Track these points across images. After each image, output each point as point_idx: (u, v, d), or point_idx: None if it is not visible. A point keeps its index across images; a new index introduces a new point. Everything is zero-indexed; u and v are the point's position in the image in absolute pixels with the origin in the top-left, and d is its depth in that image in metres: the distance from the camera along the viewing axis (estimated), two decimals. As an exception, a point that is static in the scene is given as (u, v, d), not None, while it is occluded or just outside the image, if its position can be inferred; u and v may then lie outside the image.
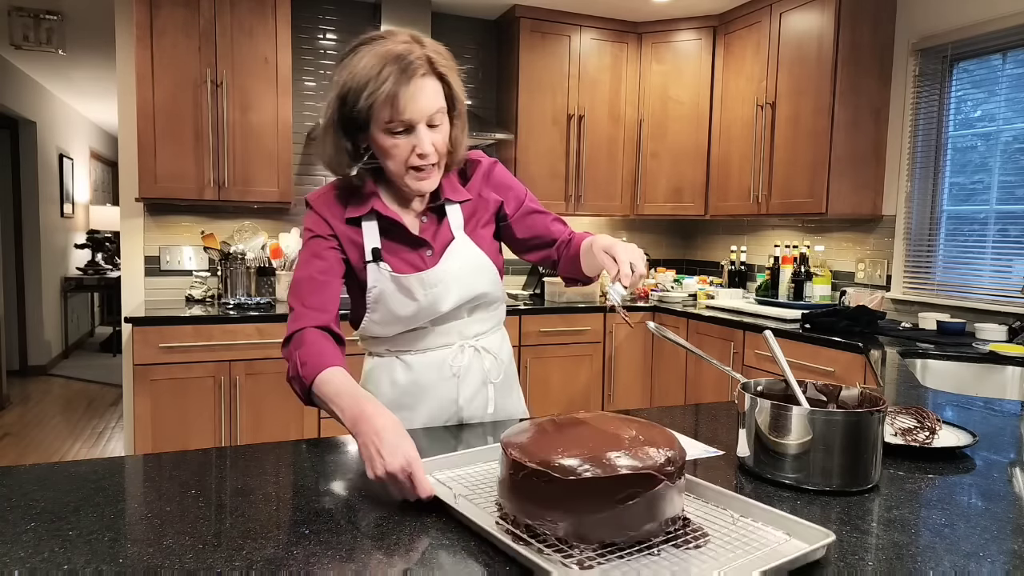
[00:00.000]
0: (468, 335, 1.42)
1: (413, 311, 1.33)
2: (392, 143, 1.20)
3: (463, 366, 1.41)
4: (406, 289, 1.31)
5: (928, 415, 1.28)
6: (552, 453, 0.83)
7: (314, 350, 1.15)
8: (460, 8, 3.95)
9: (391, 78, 1.14)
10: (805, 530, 0.84)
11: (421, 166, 1.23)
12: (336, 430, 3.24)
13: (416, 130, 1.20)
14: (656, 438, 0.89)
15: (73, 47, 4.82)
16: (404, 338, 1.38)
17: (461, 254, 1.35)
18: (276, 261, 3.55)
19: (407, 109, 1.17)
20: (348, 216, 1.30)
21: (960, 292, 3.03)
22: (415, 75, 1.16)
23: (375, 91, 1.14)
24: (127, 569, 0.77)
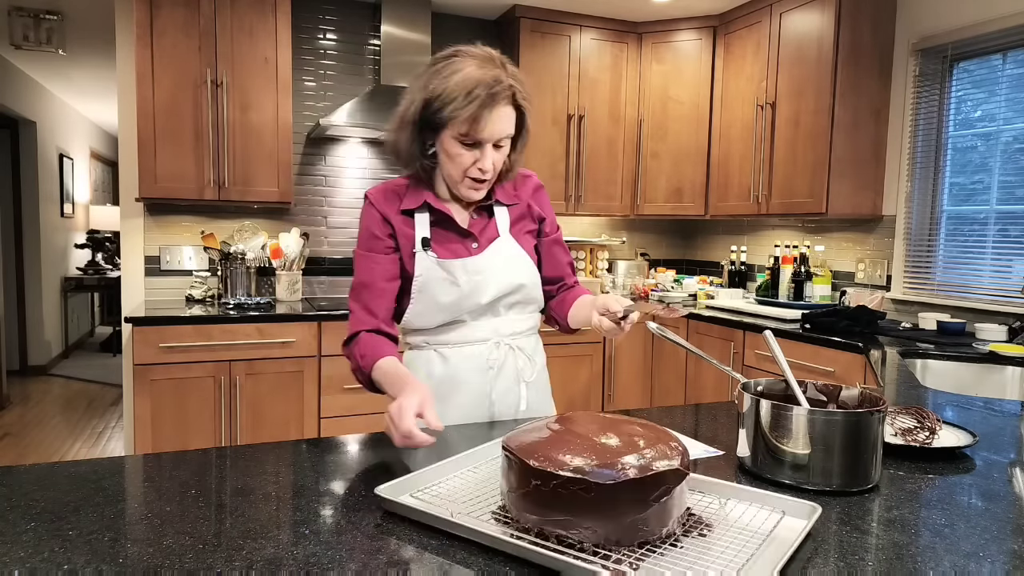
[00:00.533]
0: (504, 333, 1.48)
1: (455, 298, 1.41)
2: (458, 152, 1.32)
3: (498, 360, 1.46)
4: (450, 274, 1.40)
5: (928, 415, 1.28)
6: (579, 459, 0.83)
7: (370, 346, 1.33)
8: (460, 8, 3.95)
9: (478, 101, 1.26)
10: (793, 505, 0.92)
11: (478, 178, 1.35)
12: (336, 430, 3.24)
13: (483, 147, 1.31)
14: (660, 435, 0.91)
15: (73, 47, 4.82)
16: (443, 331, 1.45)
17: (505, 249, 1.44)
18: (276, 261, 3.55)
19: (484, 130, 1.29)
20: (403, 208, 1.41)
21: (960, 292, 3.03)
22: (498, 103, 1.28)
23: (461, 108, 1.26)
24: (127, 569, 0.77)
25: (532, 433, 0.92)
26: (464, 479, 1.04)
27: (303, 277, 3.75)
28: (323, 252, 3.85)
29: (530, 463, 0.84)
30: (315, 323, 3.18)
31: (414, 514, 0.90)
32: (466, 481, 1.04)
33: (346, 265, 3.90)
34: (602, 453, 0.84)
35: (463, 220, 1.44)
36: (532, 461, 0.84)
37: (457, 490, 1.00)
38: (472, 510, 0.93)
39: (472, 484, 1.02)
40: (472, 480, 1.04)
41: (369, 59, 3.88)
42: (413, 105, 1.32)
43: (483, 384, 1.46)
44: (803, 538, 0.83)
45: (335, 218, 3.86)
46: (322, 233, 3.84)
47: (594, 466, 0.82)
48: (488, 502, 0.95)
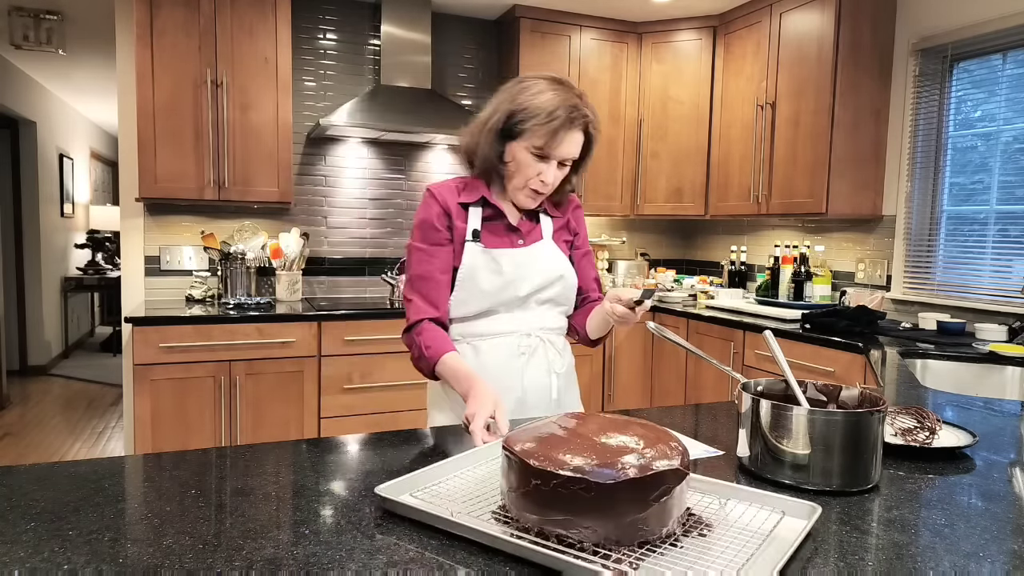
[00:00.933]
0: (535, 326, 1.57)
1: (498, 285, 1.50)
2: (528, 162, 1.44)
3: (529, 347, 1.55)
4: (495, 262, 1.50)
5: (928, 415, 1.28)
6: (579, 458, 0.83)
7: (434, 338, 1.43)
8: (460, 8, 3.95)
9: (559, 120, 1.39)
10: (792, 505, 0.92)
11: (537, 189, 1.48)
12: (336, 430, 3.24)
13: (550, 162, 1.45)
14: (660, 435, 0.91)
15: (73, 47, 4.82)
16: (478, 321, 1.53)
17: (547, 249, 1.57)
18: (276, 261, 3.55)
19: (557, 148, 1.42)
20: (461, 200, 1.52)
21: (960, 292, 3.03)
22: (574, 126, 1.42)
23: (544, 123, 1.39)
24: (127, 569, 0.77)
25: (532, 433, 0.92)
26: (464, 479, 1.04)
27: (303, 277, 3.75)
28: (323, 252, 3.85)
29: (530, 463, 0.84)
30: (315, 323, 3.18)
31: (414, 513, 0.90)
32: (466, 480, 1.03)
33: (346, 265, 3.90)
34: (602, 453, 0.84)
35: (513, 218, 1.56)
36: (532, 461, 0.84)
37: (457, 489, 1.00)
38: (472, 509, 0.92)
39: (472, 483, 1.02)
40: (472, 479, 1.04)
41: (369, 59, 3.88)
42: (497, 114, 1.45)
43: (515, 372, 1.53)
44: (803, 538, 0.83)
45: (335, 218, 3.86)
46: (322, 233, 3.84)
47: (594, 466, 0.82)
48: (488, 501, 0.95)
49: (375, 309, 3.34)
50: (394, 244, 4.01)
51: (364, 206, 3.92)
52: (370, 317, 3.28)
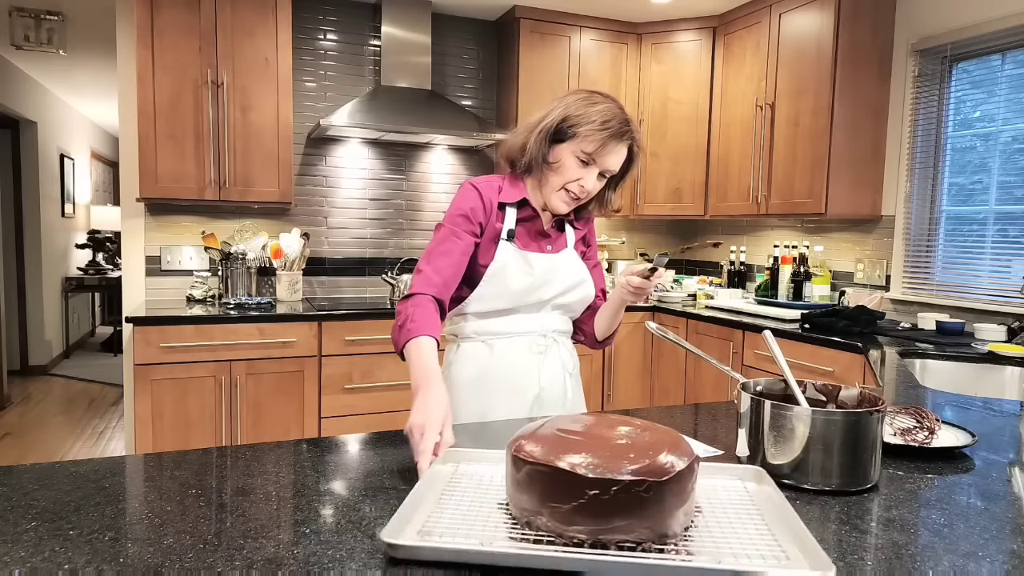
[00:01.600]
0: (549, 328, 1.61)
1: (526, 285, 1.53)
2: (571, 166, 1.48)
3: (545, 347, 1.59)
4: (528, 264, 1.54)
5: (927, 415, 1.28)
6: (627, 461, 0.81)
7: (424, 316, 1.36)
8: (460, 8, 3.95)
9: (612, 130, 1.44)
10: (810, 550, 0.78)
11: (575, 194, 1.51)
12: (336, 430, 3.24)
13: (592, 170, 1.48)
14: (652, 427, 0.92)
15: (74, 47, 4.82)
16: (495, 320, 1.57)
17: (572, 258, 1.62)
18: (277, 261, 3.55)
19: (604, 157, 1.47)
20: (501, 199, 1.55)
21: (959, 292, 3.03)
22: (623, 140, 1.47)
23: (597, 129, 1.44)
24: (128, 569, 0.77)
25: (550, 443, 0.86)
26: (457, 499, 0.96)
27: (303, 277, 3.76)
28: (323, 252, 3.85)
29: (584, 474, 0.80)
30: (315, 323, 3.19)
31: (443, 555, 0.78)
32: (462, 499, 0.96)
33: (347, 265, 3.91)
34: (639, 451, 0.83)
35: (546, 223, 1.60)
36: (584, 471, 0.80)
37: (459, 514, 0.91)
38: (495, 534, 0.84)
39: (469, 503, 0.94)
40: (469, 499, 0.96)
41: (369, 59, 3.88)
42: (550, 117, 1.48)
43: (532, 371, 1.57)
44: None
45: (335, 218, 3.86)
46: (322, 233, 3.84)
47: (645, 465, 0.80)
48: (494, 520, 0.88)
49: (375, 309, 3.34)
50: (394, 244, 4.01)
51: (364, 206, 3.92)
52: (370, 317, 3.28)
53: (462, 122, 3.62)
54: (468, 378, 1.57)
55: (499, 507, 0.91)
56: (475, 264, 1.54)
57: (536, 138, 1.49)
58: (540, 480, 0.82)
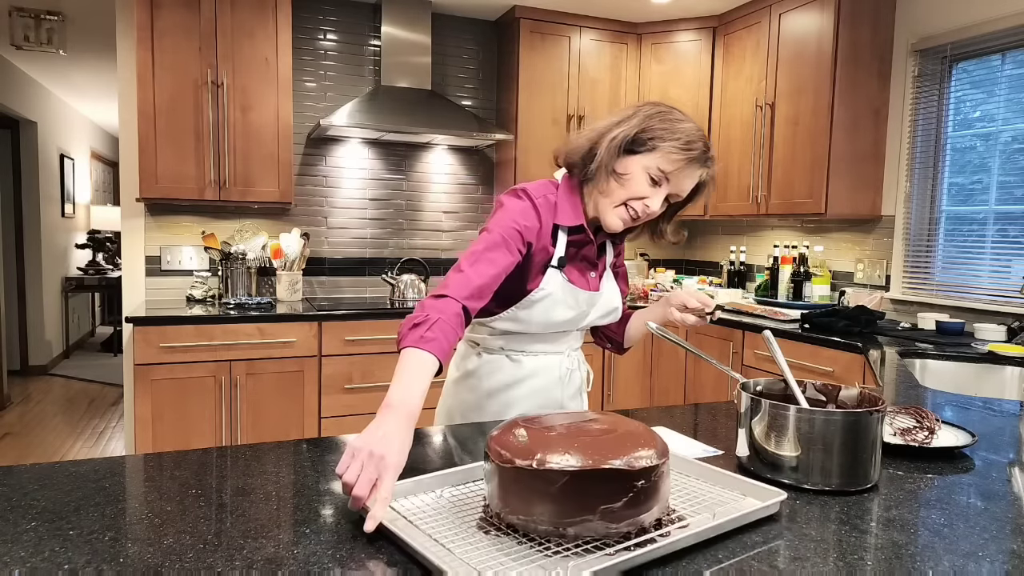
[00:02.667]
0: (573, 347, 1.60)
1: (568, 319, 1.47)
2: (639, 181, 1.35)
3: (569, 371, 1.58)
4: (575, 299, 1.46)
5: (927, 415, 1.29)
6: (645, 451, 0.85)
7: (442, 328, 1.14)
8: (460, 8, 3.95)
9: (696, 152, 1.34)
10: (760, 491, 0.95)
11: (634, 212, 1.37)
12: (336, 430, 3.24)
13: (659, 191, 1.36)
14: (640, 431, 0.93)
15: (74, 48, 4.82)
16: (522, 338, 1.51)
17: (610, 284, 1.55)
18: (277, 261, 3.55)
19: (678, 180, 1.35)
20: (557, 221, 1.42)
21: (959, 292, 3.03)
22: (702, 165, 1.37)
23: (680, 148, 1.32)
24: (128, 568, 0.77)
25: (525, 435, 0.90)
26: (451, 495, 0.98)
27: (303, 277, 3.76)
28: (323, 252, 3.85)
29: (547, 465, 0.82)
30: (315, 323, 3.19)
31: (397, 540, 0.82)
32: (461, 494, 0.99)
33: (347, 265, 3.91)
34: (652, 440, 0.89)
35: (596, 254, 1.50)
36: (549, 462, 0.82)
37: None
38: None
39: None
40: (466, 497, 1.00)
41: (369, 59, 3.88)
42: (627, 125, 1.35)
43: (557, 391, 1.55)
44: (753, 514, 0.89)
45: (335, 218, 3.86)
46: (322, 233, 3.84)
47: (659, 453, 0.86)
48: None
49: (375, 309, 3.34)
50: (394, 244, 4.01)
51: (364, 206, 3.92)
52: (370, 317, 3.28)
53: (462, 122, 3.62)
54: (494, 386, 1.52)
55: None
56: (515, 282, 1.40)
57: (608, 145, 1.34)
58: (559, 482, 0.82)
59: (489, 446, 0.89)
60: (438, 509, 0.93)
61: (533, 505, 0.82)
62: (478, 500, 0.96)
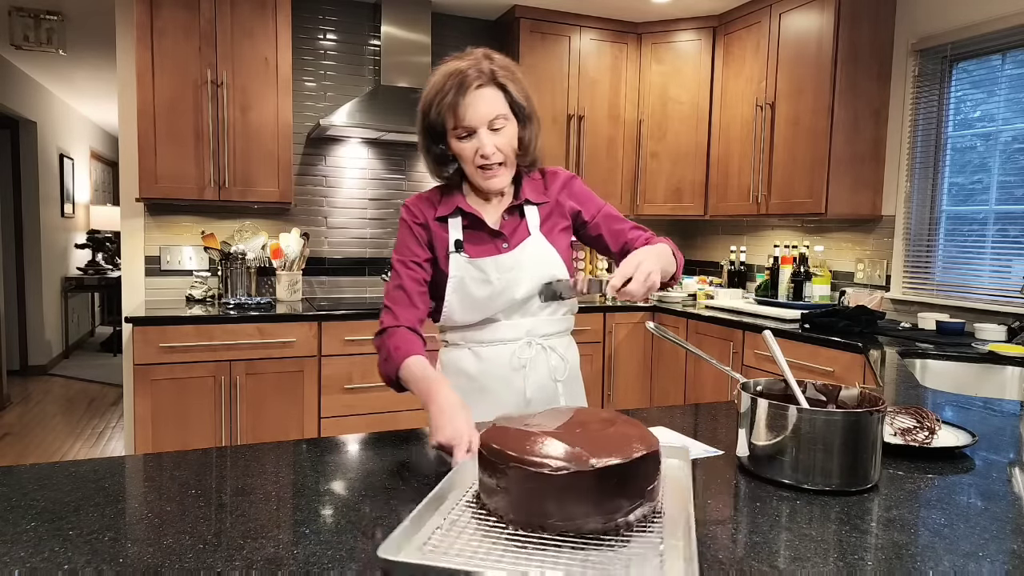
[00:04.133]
0: (537, 333, 1.52)
1: (488, 293, 1.46)
2: (459, 147, 1.39)
3: (530, 359, 1.51)
4: (482, 272, 1.45)
5: (927, 415, 1.28)
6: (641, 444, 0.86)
7: (401, 341, 1.36)
8: (460, 8, 3.95)
9: (451, 91, 1.34)
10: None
11: (486, 165, 1.38)
12: (336, 430, 3.24)
13: (478, 133, 1.36)
14: (629, 429, 0.93)
15: (73, 47, 4.82)
16: (478, 329, 1.51)
17: (536, 247, 1.48)
18: (276, 261, 3.55)
19: (466, 116, 1.35)
20: (438, 215, 1.47)
21: (959, 292, 3.03)
22: (471, 87, 1.34)
23: (440, 103, 1.35)
24: (127, 569, 0.77)
25: (511, 433, 0.91)
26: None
27: (303, 277, 3.76)
28: (323, 252, 3.85)
29: (536, 465, 0.84)
30: (315, 323, 3.19)
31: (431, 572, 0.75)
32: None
33: (346, 265, 3.91)
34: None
35: (494, 222, 1.49)
36: (545, 463, 0.84)
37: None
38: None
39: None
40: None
41: (369, 59, 3.88)
42: (418, 120, 1.43)
43: (517, 382, 1.51)
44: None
45: (335, 218, 3.86)
46: (322, 233, 3.84)
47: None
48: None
49: (375, 309, 3.34)
50: (394, 244, 4.01)
51: (364, 206, 3.92)
52: (370, 317, 3.28)
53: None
54: (461, 379, 1.52)
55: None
56: (443, 278, 1.48)
57: (424, 148, 1.45)
58: (581, 485, 0.82)
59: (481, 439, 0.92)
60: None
61: (515, 497, 0.84)
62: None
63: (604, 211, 1.56)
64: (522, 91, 1.40)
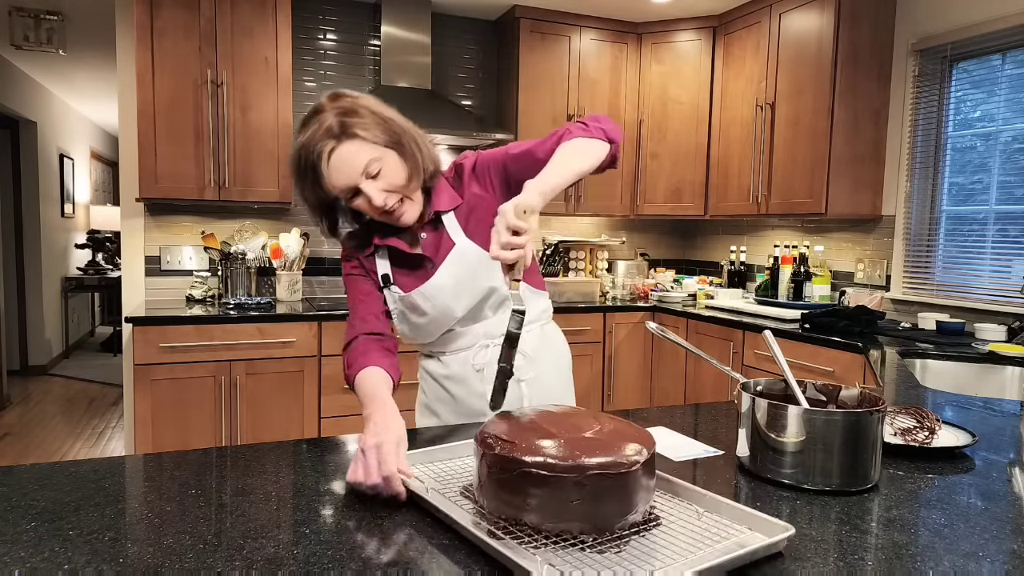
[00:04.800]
0: (495, 334, 1.46)
1: (427, 321, 1.43)
2: (356, 205, 1.30)
3: (485, 363, 1.46)
4: (413, 305, 1.41)
5: (927, 415, 1.28)
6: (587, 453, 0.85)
7: (358, 354, 1.31)
8: (460, 8, 3.95)
9: (310, 172, 1.25)
10: (765, 524, 0.85)
11: (388, 210, 1.30)
12: (336, 430, 3.24)
13: (361, 190, 1.26)
14: (626, 430, 0.93)
15: (73, 47, 4.82)
16: (438, 342, 1.49)
17: (462, 258, 1.39)
18: (276, 261, 3.55)
19: (337, 184, 1.26)
20: (364, 255, 1.43)
21: (959, 292, 3.03)
22: (323, 159, 1.24)
23: (310, 183, 1.27)
24: (127, 569, 0.77)
25: (509, 427, 0.92)
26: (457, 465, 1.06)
27: (303, 277, 3.76)
28: (323, 252, 3.85)
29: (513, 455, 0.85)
30: (315, 323, 3.19)
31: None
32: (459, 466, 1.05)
33: (346, 265, 3.90)
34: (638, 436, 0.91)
35: (414, 246, 1.41)
36: (523, 455, 0.85)
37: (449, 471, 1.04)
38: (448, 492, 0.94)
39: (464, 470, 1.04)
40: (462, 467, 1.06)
41: (369, 59, 3.88)
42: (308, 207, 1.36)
43: (477, 385, 1.47)
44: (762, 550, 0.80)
45: (335, 218, 3.86)
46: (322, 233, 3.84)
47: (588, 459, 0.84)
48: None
49: (375, 309, 3.33)
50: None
51: (364, 206, 3.92)
52: (370, 317, 3.27)
53: (462, 122, 3.62)
54: (434, 384, 1.54)
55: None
56: None
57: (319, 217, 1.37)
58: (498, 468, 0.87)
59: (479, 434, 0.94)
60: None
61: (505, 493, 0.86)
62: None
63: (509, 154, 1.38)
64: (378, 126, 1.28)
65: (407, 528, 0.89)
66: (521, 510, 0.84)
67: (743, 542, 0.83)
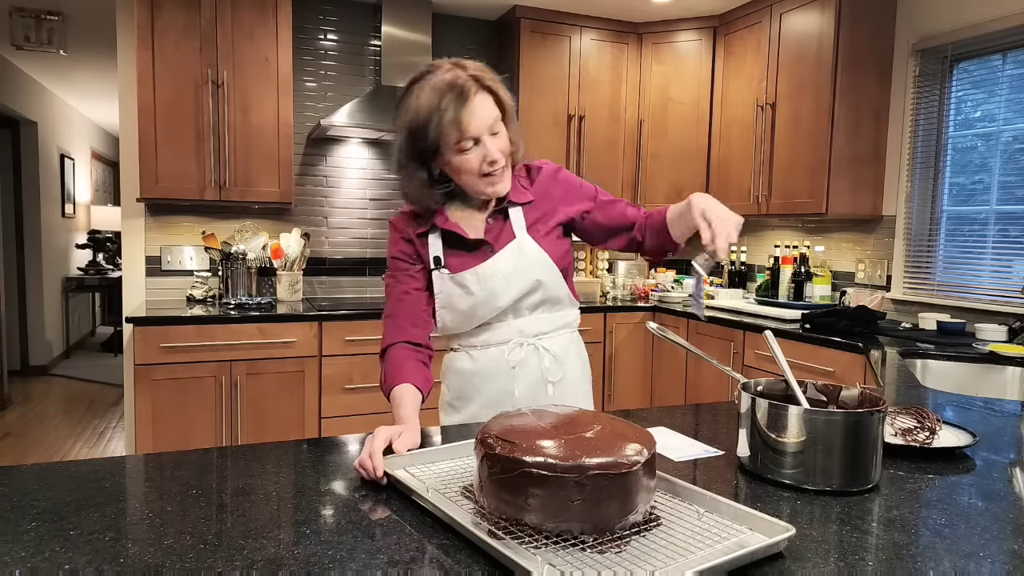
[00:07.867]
0: (529, 334, 1.51)
1: (470, 304, 1.46)
2: (464, 159, 1.34)
3: (519, 361, 1.50)
4: (463, 285, 1.45)
5: (928, 415, 1.28)
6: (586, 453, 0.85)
7: (395, 363, 1.37)
8: (460, 8, 3.95)
9: (451, 105, 1.29)
10: (766, 524, 0.85)
11: (492, 172, 1.36)
12: (336, 430, 3.24)
13: (482, 141, 1.33)
14: (626, 430, 0.93)
15: (74, 48, 4.82)
16: (472, 334, 1.51)
17: (520, 250, 1.46)
18: (277, 261, 3.55)
19: (471, 126, 1.31)
20: (418, 232, 1.47)
21: (960, 292, 3.03)
22: (469, 96, 1.30)
23: (440, 120, 1.30)
24: (128, 569, 0.77)
25: (509, 425, 0.93)
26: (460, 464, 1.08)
27: (304, 277, 3.76)
28: (324, 252, 3.85)
29: (513, 453, 0.84)
30: (316, 323, 3.19)
31: (399, 485, 1.00)
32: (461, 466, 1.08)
33: (347, 265, 3.91)
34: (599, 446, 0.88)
35: (477, 230, 1.47)
36: (521, 454, 0.85)
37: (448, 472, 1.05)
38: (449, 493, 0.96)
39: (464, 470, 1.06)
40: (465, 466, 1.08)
41: (370, 59, 3.88)
42: (402, 148, 1.37)
43: (506, 383, 1.50)
44: (754, 552, 0.79)
45: (336, 218, 3.86)
46: (323, 233, 3.84)
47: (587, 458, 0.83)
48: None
49: (376, 309, 3.34)
50: (394, 244, 4.01)
51: (365, 206, 3.92)
52: (371, 317, 3.28)
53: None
54: (458, 380, 1.55)
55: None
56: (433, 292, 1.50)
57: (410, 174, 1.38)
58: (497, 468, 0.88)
59: (480, 433, 0.94)
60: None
61: (505, 493, 0.86)
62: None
63: (599, 199, 1.53)
64: (506, 92, 1.38)
65: (407, 528, 0.89)
66: (521, 510, 0.84)
67: (743, 542, 0.83)
